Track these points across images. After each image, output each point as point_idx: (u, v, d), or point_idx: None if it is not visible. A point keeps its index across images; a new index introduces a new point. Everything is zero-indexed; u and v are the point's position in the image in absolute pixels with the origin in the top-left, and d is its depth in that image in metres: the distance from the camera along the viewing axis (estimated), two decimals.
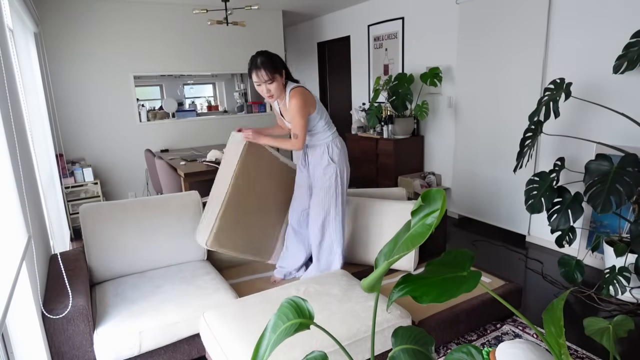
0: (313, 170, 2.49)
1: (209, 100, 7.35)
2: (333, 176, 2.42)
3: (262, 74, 2.21)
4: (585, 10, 3.04)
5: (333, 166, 2.42)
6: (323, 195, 2.43)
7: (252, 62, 2.25)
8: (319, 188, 2.45)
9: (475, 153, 4.07)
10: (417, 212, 0.97)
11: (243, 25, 4.36)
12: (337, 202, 2.45)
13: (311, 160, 2.49)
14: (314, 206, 2.47)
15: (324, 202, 2.44)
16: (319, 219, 2.45)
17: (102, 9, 4.58)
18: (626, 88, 2.86)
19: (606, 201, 2.30)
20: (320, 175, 2.44)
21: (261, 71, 2.21)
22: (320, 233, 2.47)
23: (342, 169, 2.45)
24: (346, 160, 2.51)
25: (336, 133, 2.49)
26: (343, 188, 2.47)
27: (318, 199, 2.44)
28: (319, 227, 2.46)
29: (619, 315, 1.24)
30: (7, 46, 2.11)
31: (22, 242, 1.58)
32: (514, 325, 2.42)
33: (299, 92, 2.27)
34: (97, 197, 4.45)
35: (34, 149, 2.56)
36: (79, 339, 1.80)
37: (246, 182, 2.44)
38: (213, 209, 2.37)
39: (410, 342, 1.07)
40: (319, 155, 2.43)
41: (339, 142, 2.47)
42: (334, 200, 2.44)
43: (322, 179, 2.43)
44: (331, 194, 2.43)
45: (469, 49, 3.97)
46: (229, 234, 2.35)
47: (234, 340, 1.70)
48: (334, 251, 2.51)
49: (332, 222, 2.47)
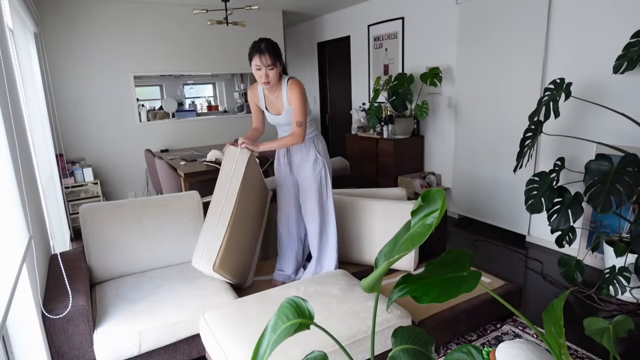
0: (299, 167, 2.50)
1: (209, 100, 7.34)
2: (323, 170, 2.47)
3: (266, 58, 2.24)
4: (585, 11, 3.04)
5: (321, 159, 2.46)
6: (315, 189, 2.46)
7: (256, 46, 2.26)
8: (309, 184, 2.47)
9: (475, 153, 4.07)
10: (417, 212, 0.97)
11: (243, 25, 4.36)
12: (328, 194, 2.50)
13: (296, 158, 2.50)
14: (309, 203, 2.48)
15: (319, 196, 2.47)
16: (316, 215, 2.48)
17: (102, 9, 4.59)
18: (626, 88, 2.86)
19: (606, 201, 2.30)
20: (310, 170, 2.46)
21: (265, 55, 2.24)
22: (319, 228, 2.49)
23: (327, 162, 2.51)
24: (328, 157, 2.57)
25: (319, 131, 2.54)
26: (330, 181, 2.52)
27: (312, 195, 2.47)
28: (318, 222, 2.48)
29: (619, 315, 1.24)
30: (7, 46, 2.11)
31: (23, 242, 1.58)
32: (514, 325, 2.42)
33: (299, 82, 2.36)
34: (97, 197, 4.45)
35: (34, 149, 2.56)
36: (79, 339, 1.80)
37: (244, 200, 2.32)
38: (216, 232, 2.17)
39: (410, 342, 1.07)
40: (306, 150, 2.47)
41: (321, 137, 2.55)
42: (326, 193, 2.49)
43: (312, 175, 2.46)
44: (323, 187, 2.48)
45: (469, 49, 3.97)
46: (229, 258, 2.20)
47: (234, 340, 1.70)
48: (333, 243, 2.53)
49: (328, 214, 2.51)
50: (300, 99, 2.32)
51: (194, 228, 2.51)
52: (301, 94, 2.32)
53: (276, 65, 2.29)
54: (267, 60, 2.24)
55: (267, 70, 2.27)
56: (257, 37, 2.56)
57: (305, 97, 2.35)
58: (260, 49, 2.25)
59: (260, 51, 2.24)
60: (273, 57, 2.26)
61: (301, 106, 2.32)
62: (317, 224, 2.49)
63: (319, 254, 2.54)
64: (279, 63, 2.30)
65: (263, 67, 2.26)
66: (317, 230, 2.50)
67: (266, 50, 2.24)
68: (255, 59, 2.26)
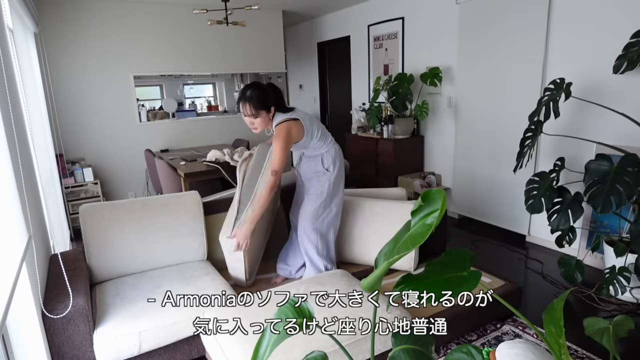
0: (305, 177, 2.51)
1: (209, 100, 7.35)
2: (326, 183, 2.43)
3: (247, 108, 2.22)
4: (585, 11, 3.03)
5: (327, 175, 2.43)
6: (312, 202, 2.44)
7: (242, 94, 2.25)
8: (308, 195, 2.46)
9: (475, 153, 4.07)
10: (417, 212, 0.97)
11: (243, 25, 4.36)
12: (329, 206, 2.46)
13: (305, 170, 2.51)
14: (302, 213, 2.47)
15: (314, 209, 2.43)
16: (309, 224, 2.45)
17: (102, 9, 4.58)
18: (626, 88, 2.86)
19: (606, 201, 2.30)
20: (314, 182, 2.46)
21: (247, 105, 2.21)
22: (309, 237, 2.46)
23: (335, 177, 2.45)
24: (340, 167, 2.50)
25: (332, 142, 2.49)
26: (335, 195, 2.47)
27: (306, 206, 2.45)
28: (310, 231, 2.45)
29: (619, 316, 1.24)
30: (7, 46, 2.11)
31: (23, 242, 1.58)
32: (514, 325, 2.42)
33: (283, 130, 2.26)
34: (97, 197, 4.45)
35: (34, 149, 2.56)
36: (79, 339, 1.79)
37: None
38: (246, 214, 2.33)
39: (410, 342, 1.07)
40: (314, 165, 2.46)
41: (333, 152, 2.47)
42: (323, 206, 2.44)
43: (315, 186, 2.45)
44: (322, 200, 2.43)
45: (469, 49, 3.97)
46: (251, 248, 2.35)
47: (234, 340, 1.70)
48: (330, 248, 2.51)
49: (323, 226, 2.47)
50: (280, 147, 2.23)
51: (194, 228, 2.51)
52: (283, 141, 2.23)
53: (260, 114, 2.24)
54: (247, 110, 2.22)
55: (252, 118, 2.25)
56: (257, 37, 2.54)
57: (285, 146, 2.25)
58: (245, 97, 2.21)
59: (244, 99, 2.21)
60: (256, 107, 2.21)
61: (280, 155, 2.24)
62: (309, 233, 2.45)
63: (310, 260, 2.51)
64: (264, 112, 2.25)
65: (247, 116, 2.25)
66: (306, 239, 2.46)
67: (248, 101, 2.20)
68: (240, 106, 2.25)
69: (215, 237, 2.46)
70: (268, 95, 2.27)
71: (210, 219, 2.59)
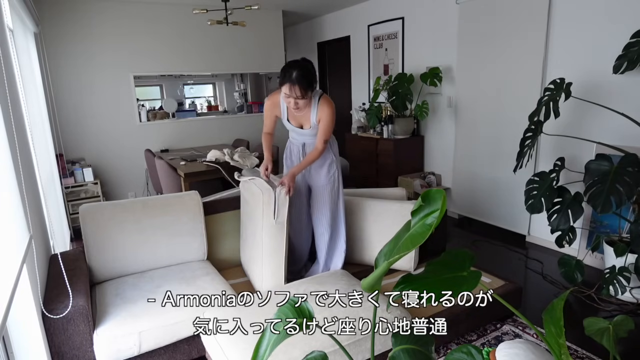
0: (315, 170, 2.49)
1: (209, 100, 7.35)
2: (336, 172, 2.47)
3: (296, 90, 2.12)
4: (586, 10, 3.03)
5: (335, 162, 2.48)
6: (328, 192, 2.47)
7: (287, 75, 2.12)
8: (322, 187, 2.47)
9: (475, 153, 4.07)
10: (417, 212, 0.97)
11: (243, 25, 4.36)
12: (340, 195, 2.51)
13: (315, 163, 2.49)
14: (321, 205, 2.49)
15: (331, 199, 2.47)
16: (327, 217, 2.48)
17: (102, 9, 4.58)
18: (626, 88, 2.86)
19: (606, 201, 2.30)
20: (324, 174, 2.46)
21: (296, 87, 2.11)
22: (329, 229, 2.50)
23: (339, 163, 2.52)
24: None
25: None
26: (341, 181, 2.53)
27: (324, 198, 2.48)
28: (328, 224, 2.49)
29: (619, 316, 1.24)
30: (7, 46, 2.11)
31: (23, 242, 1.58)
32: (514, 325, 2.42)
33: (330, 102, 2.29)
34: (97, 197, 4.45)
35: (34, 149, 2.56)
36: (79, 339, 1.79)
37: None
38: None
39: (410, 342, 1.07)
40: (324, 154, 2.45)
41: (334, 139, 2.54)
42: (337, 195, 2.50)
43: (326, 177, 2.46)
44: (335, 189, 2.48)
45: (469, 49, 3.97)
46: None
47: (234, 340, 1.70)
48: (342, 243, 2.54)
49: (339, 216, 2.52)
50: (331, 120, 2.27)
51: (194, 228, 2.51)
52: (332, 114, 2.27)
53: (307, 95, 2.17)
54: (296, 91, 2.12)
55: (298, 99, 2.16)
56: (257, 37, 2.53)
57: (334, 117, 2.29)
58: (292, 79, 2.10)
59: (291, 82, 2.10)
60: (305, 88, 2.13)
61: (331, 126, 2.28)
62: (327, 227, 2.49)
63: (327, 254, 2.55)
64: (310, 92, 2.18)
65: (292, 98, 2.16)
66: (326, 233, 2.50)
67: (297, 82, 2.10)
68: (285, 87, 2.14)
69: (216, 237, 2.46)
70: (314, 74, 2.21)
71: (210, 219, 2.59)
